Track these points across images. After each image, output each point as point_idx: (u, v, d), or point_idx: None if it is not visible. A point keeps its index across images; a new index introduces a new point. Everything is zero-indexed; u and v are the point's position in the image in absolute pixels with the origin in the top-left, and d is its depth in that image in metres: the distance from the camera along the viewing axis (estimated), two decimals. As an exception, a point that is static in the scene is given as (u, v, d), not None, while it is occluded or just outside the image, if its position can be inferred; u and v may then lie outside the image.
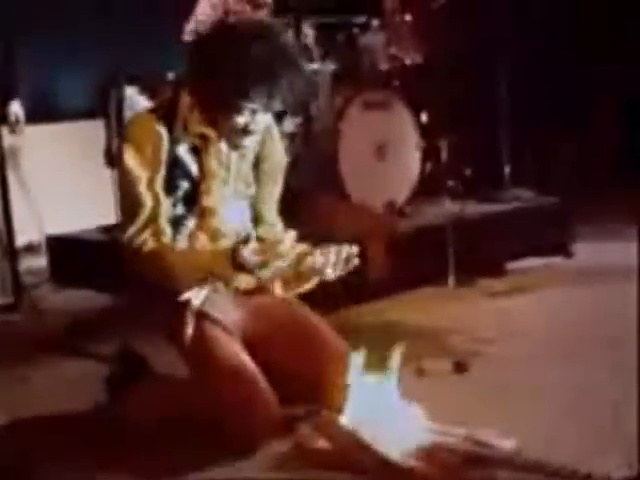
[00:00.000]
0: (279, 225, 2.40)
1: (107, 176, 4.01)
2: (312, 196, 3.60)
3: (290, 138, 3.98)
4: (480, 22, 4.36)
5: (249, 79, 2.07)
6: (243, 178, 2.29)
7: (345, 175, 3.76)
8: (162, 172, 2.14)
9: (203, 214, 2.21)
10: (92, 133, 4.35)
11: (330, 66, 4.08)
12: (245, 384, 2.08)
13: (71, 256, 4.05)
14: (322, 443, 1.98)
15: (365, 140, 3.86)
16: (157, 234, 2.12)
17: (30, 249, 4.42)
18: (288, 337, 2.26)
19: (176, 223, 2.18)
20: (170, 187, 2.16)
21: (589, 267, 3.75)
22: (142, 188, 2.11)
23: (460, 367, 2.52)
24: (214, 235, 2.23)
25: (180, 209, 2.18)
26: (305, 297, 2.42)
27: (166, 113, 2.17)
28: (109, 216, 3.93)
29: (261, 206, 2.36)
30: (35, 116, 4.58)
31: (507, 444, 1.92)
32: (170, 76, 3.85)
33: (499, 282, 3.58)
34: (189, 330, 2.15)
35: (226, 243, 2.19)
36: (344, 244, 2.15)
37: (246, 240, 2.11)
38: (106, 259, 3.18)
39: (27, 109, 4.03)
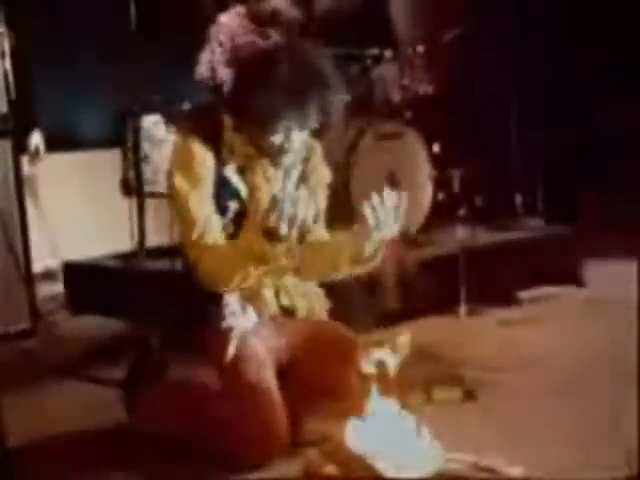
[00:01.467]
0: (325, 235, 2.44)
1: (124, 204, 4.06)
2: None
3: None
4: (491, 54, 4.41)
5: (279, 98, 2.12)
6: (289, 197, 2.28)
7: (357, 205, 3.79)
8: (210, 191, 2.19)
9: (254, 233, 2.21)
10: (109, 162, 4.41)
11: (343, 97, 4.14)
12: (264, 410, 2.12)
13: (87, 283, 4.09)
14: (331, 469, 1.99)
15: (377, 170, 3.90)
16: (210, 247, 2.16)
17: (47, 276, 4.47)
18: (320, 359, 2.29)
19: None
20: (220, 208, 2.21)
21: (602, 296, 3.74)
22: (191, 206, 2.16)
23: (469, 395, 2.54)
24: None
25: (231, 228, 2.23)
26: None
27: (209, 135, 2.22)
28: (125, 243, 3.97)
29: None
30: (53, 145, 4.66)
31: (515, 472, 1.93)
32: (186, 106, 3.90)
33: (511, 311, 3.59)
34: (230, 352, 2.18)
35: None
36: None
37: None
38: (122, 286, 3.23)
39: (45, 138, 4.10)
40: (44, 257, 4.38)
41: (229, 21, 4.28)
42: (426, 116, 4.19)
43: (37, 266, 4.02)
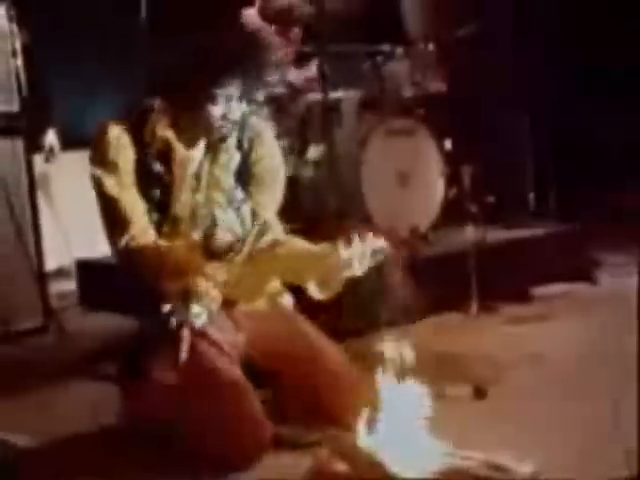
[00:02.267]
0: (279, 229, 2.37)
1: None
2: (335, 222, 3.64)
3: (314, 165, 4.04)
4: (504, 51, 4.39)
5: (223, 67, 2.13)
6: (216, 185, 2.28)
7: (368, 202, 3.80)
8: (131, 177, 2.18)
9: (174, 222, 2.23)
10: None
11: (355, 93, 4.14)
12: (237, 402, 2.10)
13: (100, 280, 4.11)
14: (340, 466, 1.99)
15: (389, 167, 3.91)
16: (140, 234, 2.15)
17: (60, 273, 4.49)
18: (287, 353, 2.27)
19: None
20: (146, 197, 2.20)
21: (614, 294, 3.73)
22: (121, 205, 2.16)
23: (479, 393, 2.53)
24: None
25: (155, 216, 2.21)
26: (327, 323, 2.45)
27: (137, 120, 2.21)
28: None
29: (261, 212, 2.33)
30: (66, 143, 4.68)
31: (525, 469, 1.93)
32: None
33: (522, 309, 3.58)
34: (185, 347, 2.13)
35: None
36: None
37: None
38: (135, 283, 3.23)
39: (59, 136, 4.12)
40: (57, 255, 4.40)
41: (252, 16, 4.30)
42: (437, 113, 4.17)
43: (50, 264, 4.04)
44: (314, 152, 4.06)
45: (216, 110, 2.17)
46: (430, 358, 2.92)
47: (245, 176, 2.32)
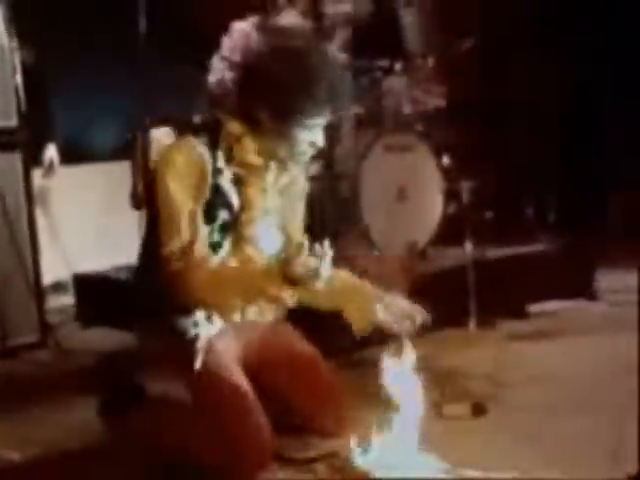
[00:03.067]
0: (306, 244, 2.36)
1: (134, 216, 4.06)
2: (334, 238, 3.63)
3: (312, 180, 4.03)
4: (502, 66, 4.40)
5: (317, 93, 2.08)
6: (282, 210, 2.31)
7: (367, 217, 3.79)
8: (205, 200, 2.13)
9: (239, 242, 2.21)
10: (121, 174, 4.42)
11: (353, 109, 4.14)
12: (246, 415, 2.10)
13: (98, 295, 4.10)
14: (339, 484, 1.99)
15: (387, 182, 3.90)
16: (196, 263, 2.10)
17: (57, 287, 4.48)
18: (284, 370, 2.31)
19: (211, 250, 2.17)
20: (209, 215, 2.15)
21: (614, 310, 3.72)
22: (183, 218, 2.10)
23: (478, 409, 2.52)
24: (245, 262, 2.21)
25: (216, 236, 2.18)
26: (325, 338, 2.44)
27: (209, 140, 2.16)
28: (136, 256, 3.97)
29: (289, 228, 2.36)
30: (64, 157, 4.68)
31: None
32: (197, 119, 3.90)
33: (521, 325, 3.57)
34: (198, 361, 2.15)
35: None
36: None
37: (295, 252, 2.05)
38: (132, 298, 3.22)
39: (58, 151, 4.12)
40: (55, 269, 4.39)
41: (243, 30, 4.30)
42: (437, 128, 4.18)
43: (47, 278, 4.03)
44: (312, 168, 4.05)
45: (308, 137, 2.16)
46: (428, 375, 2.93)
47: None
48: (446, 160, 4.08)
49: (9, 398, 2.92)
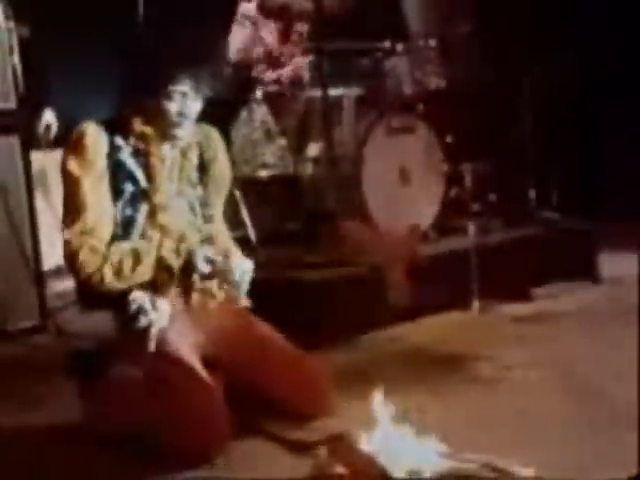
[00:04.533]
0: (225, 231, 2.55)
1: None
2: (335, 220, 3.61)
3: (314, 162, 4.01)
4: (505, 47, 4.36)
5: (175, 63, 2.25)
6: (186, 178, 2.41)
7: (369, 199, 3.76)
8: (102, 180, 2.25)
9: (153, 211, 2.32)
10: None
11: (354, 90, 4.11)
12: (198, 394, 2.17)
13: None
14: (340, 468, 1.97)
15: (389, 164, 3.87)
16: (94, 247, 2.23)
17: (58, 272, 4.46)
18: (246, 354, 2.35)
19: (126, 225, 2.29)
20: (116, 192, 2.28)
21: (617, 292, 3.70)
22: (79, 200, 2.22)
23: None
24: (164, 231, 2.32)
25: (128, 210, 2.29)
26: (328, 321, 2.44)
27: (110, 120, 2.32)
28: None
29: (210, 210, 2.47)
30: (64, 141, 4.64)
31: (527, 472, 1.90)
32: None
33: (524, 307, 3.56)
34: (151, 347, 2.24)
35: (171, 242, 2.30)
36: None
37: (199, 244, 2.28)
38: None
39: (57, 134, 4.09)
40: (55, 254, 4.37)
41: (249, 12, 4.28)
42: (439, 110, 4.15)
43: (48, 263, 4.01)
44: (314, 150, 4.03)
45: (173, 106, 2.27)
46: (431, 358, 2.93)
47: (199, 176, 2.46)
48: (448, 142, 4.06)
49: (10, 382, 2.92)
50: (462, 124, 4.22)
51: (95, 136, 2.25)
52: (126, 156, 2.30)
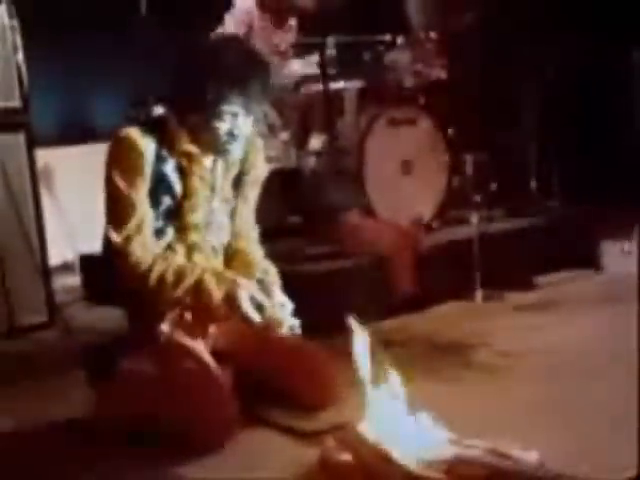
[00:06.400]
0: (255, 235, 2.57)
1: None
2: (339, 212, 3.64)
3: (316, 155, 4.03)
4: (505, 38, 4.37)
5: (225, 83, 2.21)
6: (225, 196, 2.42)
7: (371, 191, 3.79)
8: (146, 187, 2.25)
9: (185, 229, 2.33)
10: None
11: (356, 83, 4.13)
12: (207, 385, 2.22)
13: (104, 275, 4.10)
14: (347, 457, 1.99)
15: (391, 156, 3.89)
16: (143, 245, 2.24)
17: (64, 268, 4.49)
18: (253, 345, 2.38)
19: (155, 235, 2.29)
20: (153, 202, 2.27)
21: (620, 280, 3.71)
22: (128, 201, 2.22)
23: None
24: (191, 249, 2.35)
25: (160, 223, 2.30)
26: (331, 312, 2.45)
27: (154, 130, 2.28)
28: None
29: (240, 219, 2.50)
30: (69, 137, 4.68)
31: (530, 457, 1.92)
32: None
33: (527, 296, 3.58)
34: (162, 341, 2.29)
35: (201, 258, 2.34)
36: None
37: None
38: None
39: (61, 131, 4.12)
40: (61, 250, 4.40)
41: (246, 5, 4.29)
42: (440, 101, 4.16)
43: (54, 259, 4.04)
44: (316, 143, 4.05)
45: (223, 126, 2.26)
46: (435, 347, 2.95)
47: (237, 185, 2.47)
48: (450, 133, 4.08)
49: (18, 376, 2.94)
50: (463, 115, 4.23)
51: (141, 142, 2.24)
52: (170, 170, 2.29)
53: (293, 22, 4.37)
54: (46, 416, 2.54)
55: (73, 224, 4.56)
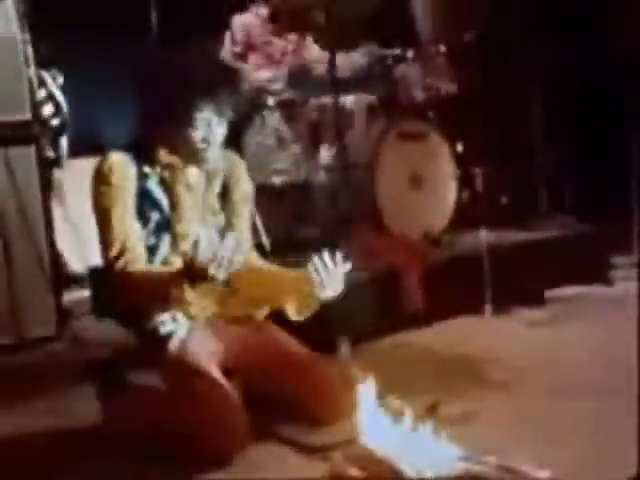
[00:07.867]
0: (249, 245, 2.55)
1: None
2: (348, 226, 3.63)
3: (326, 169, 4.03)
4: (514, 52, 4.37)
5: (193, 91, 2.24)
6: (210, 207, 2.43)
7: (381, 205, 3.79)
8: (132, 206, 2.27)
9: (176, 240, 2.34)
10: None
11: (366, 97, 4.14)
12: (217, 401, 2.21)
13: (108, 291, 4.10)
14: (355, 471, 1.98)
15: (401, 170, 3.89)
16: (133, 260, 2.26)
17: (74, 280, 4.49)
18: (262, 360, 2.39)
19: (149, 253, 2.31)
20: (142, 219, 2.30)
21: (630, 295, 3.69)
22: (115, 222, 2.25)
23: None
24: (184, 260, 2.32)
25: (152, 239, 2.32)
26: (338, 326, 2.45)
27: (133, 148, 2.32)
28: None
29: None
30: (80, 150, 4.69)
31: (541, 473, 1.91)
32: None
33: (537, 311, 3.55)
34: (170, 358, 2.30)
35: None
36: None
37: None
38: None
39: (72, 144, 4.13)
40: (71, 262, 4.40)
41: (246, 21, 4.32)
42: (450, 115, 4.16)
43: (64, 271, 4.04)
44: (326, 157, 4.05)
45: (197, 133, 2.28)
46: (445, 362, 2.93)
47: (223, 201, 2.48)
48: (460, 147, 4.07)
49: (26, 389, 2.94)
50: (473, 128, 4.23)
51: (122, 164, 2.27)
52: (153, 185, 2.32)
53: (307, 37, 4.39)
54: (53, 429, 2.54)
55: (82, 236, 4.56)
